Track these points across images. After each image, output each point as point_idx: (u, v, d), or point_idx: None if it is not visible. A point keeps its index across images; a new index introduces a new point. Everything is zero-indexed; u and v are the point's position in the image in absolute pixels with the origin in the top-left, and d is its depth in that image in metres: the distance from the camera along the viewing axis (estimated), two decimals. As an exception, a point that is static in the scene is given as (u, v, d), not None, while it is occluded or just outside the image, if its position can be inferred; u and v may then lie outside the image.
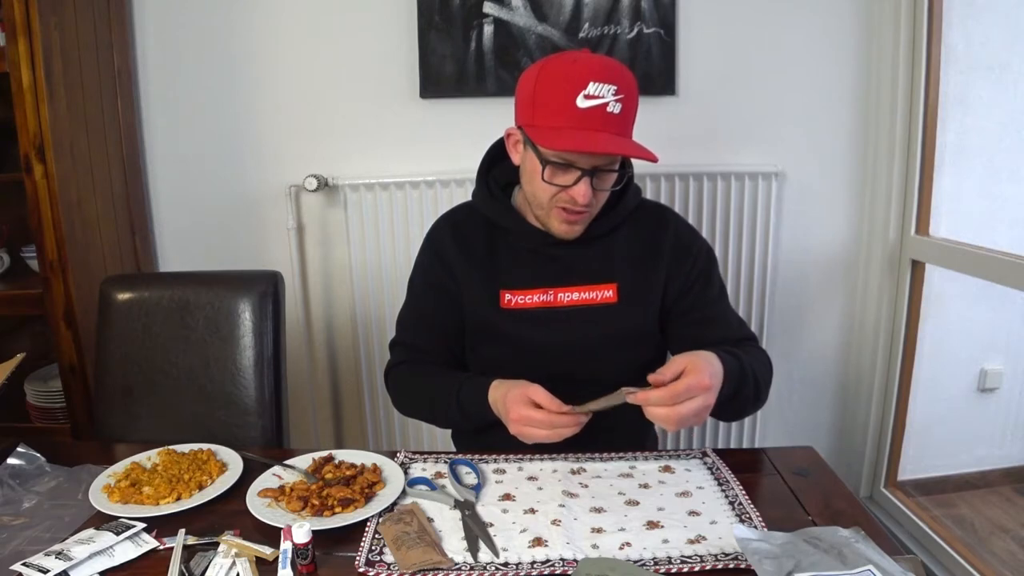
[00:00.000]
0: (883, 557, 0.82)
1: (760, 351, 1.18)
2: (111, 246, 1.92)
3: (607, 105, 1.02)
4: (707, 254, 1.24)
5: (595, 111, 1.02)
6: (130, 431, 1.39)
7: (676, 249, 1.21)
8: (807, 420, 2.31)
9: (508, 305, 1.20)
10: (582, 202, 1.07)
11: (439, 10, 1.96)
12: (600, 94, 1.01)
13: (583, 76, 1.02)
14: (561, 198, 1.10)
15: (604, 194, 1.13)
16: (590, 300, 1.19)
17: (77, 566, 0.86)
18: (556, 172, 1.08)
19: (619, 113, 1.03)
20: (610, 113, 1.02)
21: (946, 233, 2.00)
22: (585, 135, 1.02)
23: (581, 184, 1.06)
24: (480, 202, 1.24)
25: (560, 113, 1.03)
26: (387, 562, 0.88)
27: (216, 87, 2.06)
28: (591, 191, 1.07)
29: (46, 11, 1.63)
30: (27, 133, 1.64)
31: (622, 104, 1.03)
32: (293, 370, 2.02)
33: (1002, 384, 2.19)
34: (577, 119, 1.02)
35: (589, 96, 1.01)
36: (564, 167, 1.07)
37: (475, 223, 1.24)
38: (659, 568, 0.86)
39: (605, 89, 1.01)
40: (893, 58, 1.98)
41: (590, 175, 1.06)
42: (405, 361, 1.28)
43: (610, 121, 1.02)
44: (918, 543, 2.00)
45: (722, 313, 1.23)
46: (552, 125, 1.05)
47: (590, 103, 1.01)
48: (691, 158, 2.06)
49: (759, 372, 1.11)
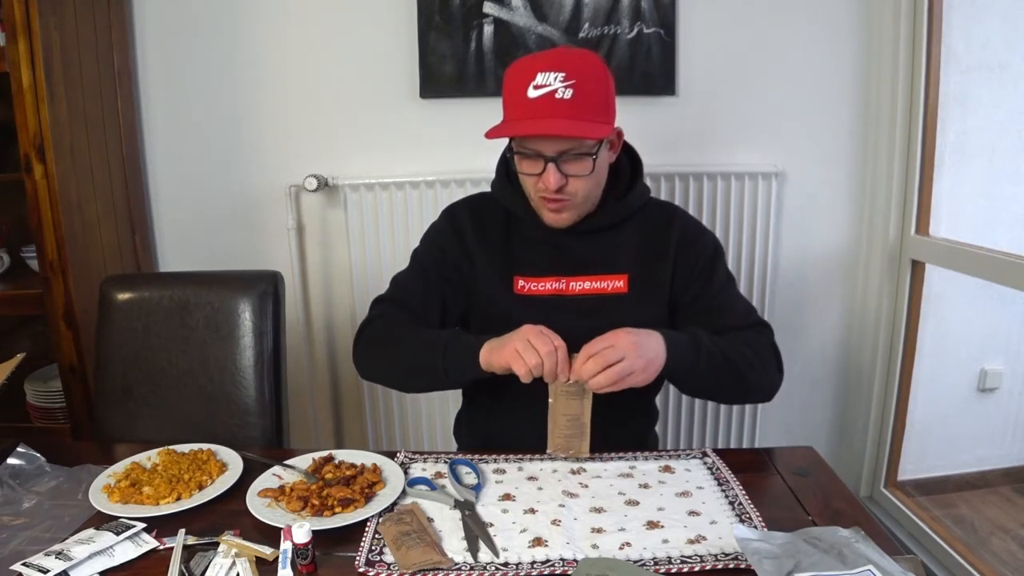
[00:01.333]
0: (883, 557, 0.82)
1: (756, 335, 1.20)
2: (111, 246, 1.92)
3: (555, 92, 1.06)
4: (713, 247, 1.26)
5: (544, 99, 1.07)
6: (130, 431, 1.39)
7: (681, 244, 1.23)
8: (807, 420, 2.31)
9: (521, 291, 1.22)
10: (551, 187, 1.11)
11: (439, 10, 1.96)
12: (547, 82, 1.07)
13: (532, 68, 1.08)
14: (540, 187, 1.14)
15: (585, 181, 1.13)
16: (601, 290, 1.21)
17: (77, 566, 0.86)
18: (524, 161, 1.14)
19: (571, 98, 1.06)
20: (560, 99, 1.06)
21: (946, 233, 2.00)
22: (530, 122, 1.08)
23: (548, 171, 1.11)
24: (498, 191, 1.27)
25: (515, 106, 1.10)
26: (387, 562, 0.88)
27: (216, 87, 2.06)
28: (562, 177, 1.11)
29: (46, 11, 1.63)
30: (27, 133, 1.64)
31: (573, 89, 1.06)
32: (293, 370, 2.01)
33: (1002, 384, 2.19)
34: (529, 108, 1.08)
35: (538, 86, 1.07)
36: (531, 156, 1.12)
37: (493, 210, 1.27)
38: (659, 568, 0.86)
39: (552, 77, 1.06)
40: (893, 58, 1.98)
41: (554, 161, 1.10)
42: (392, 313, 1.24)
43: (560, 106, 1.06)
44: (918, 543, 2.00)
45: (728, 302, 1.24)
46: (507, 118, 1.12)
47: (538, 92, 1.07)
48: (691, 158, 2.06)
49: (736, 351, 1.13)
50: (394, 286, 1.29)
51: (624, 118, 1.19)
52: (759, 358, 1.16)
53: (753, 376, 1.15)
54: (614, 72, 2.00)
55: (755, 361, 1.15)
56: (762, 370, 1.17)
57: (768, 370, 1.19)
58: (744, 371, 1.14)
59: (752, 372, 1.15)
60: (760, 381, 1.18)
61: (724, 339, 1.14)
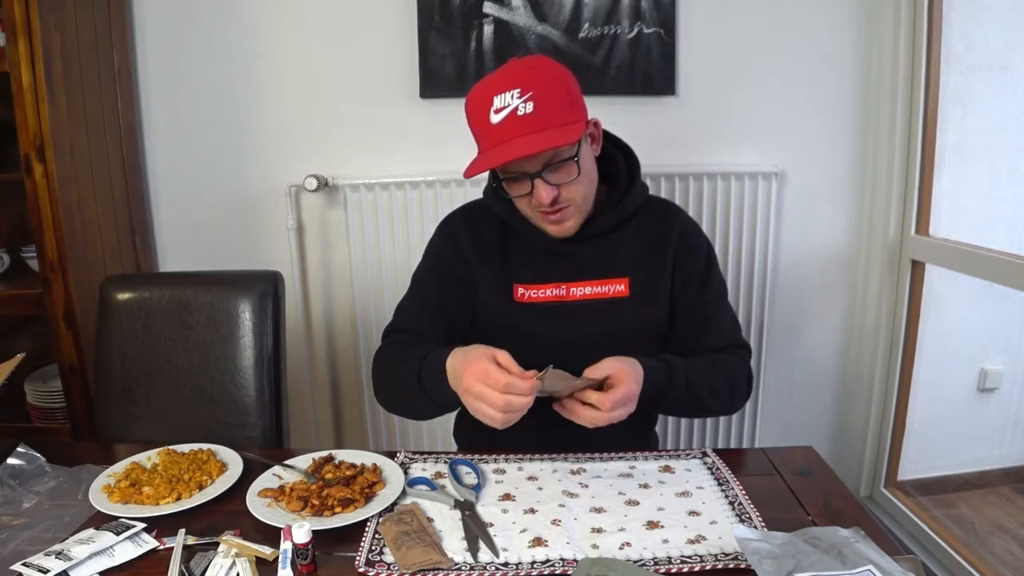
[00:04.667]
0: (883, 557, 0.82)
1: (733, 359, 1.22)
2: (111, 246, 1.92)
3: (516, 109, 1.05)
4: (707, 253, 1.25)
5: (507, 121, 1.05)
6: (130, 431, 1.39)
7: (681, 247, 1.23)
8: (807, 420, 2.31)
9: (522, 299, 1.21)
10: (545, 203, 1.10)
11: (439, 10, 1.96)
12: (506, 103, 1.05)
13: (487, 94, 1.07)
14: (535, 204, 1.12)
15: (577, 185, 1.12)
16: (602, 294, 1.20)
17: (77, 566, 0.86)
18: (512, 185, 1.12)
19: (533, 111, 1.04)
20: (523, 115, 1.04)
21: (946, 233, 2.00)
22: (502, 148, 1.05)
23: (537, 188, 1.09)
24: (491, 202, 1.25)
25: (483, 136, 1.09)
26: (387, 562, 0.88)
27: (216, 87, 2.06)
28: (553, 189, 1.09)
29: (46, 11, 1.63)
30: (27, 133, 1.64)
31: (533, 102, 1.04)
32: (293, 370, 2.02)
33: (1002, 384, 2.19)
34: (495, 135, 1.06)
35: (498, 110, 1.05)
36: (516, 178, 1.11)
37: (488, 219, 1.25)
38: (659, 568, 0.86)
39: (509, 96, 1.05)
40: (893, 58, 1.98)
41: (539, 176, 1.08)
42: (397, 342, 1.22)
43: (525, 122, 1.04)
44: (918, 543, 2.00)
45: (717, 316, 1.24)
46: (480, 149, 1.11)
47: (500, 116, 1.05)
48: (691, 158, 2.06)
49: (703, 381, 1.15)
50: (398, 314, 1.26)
51: (624, 118, 1.20)
52: (728, 388, 1.20)
53: (715, 404, 1.20)
54: (614, 72, 2.00)
55: (723, 391, 1.19)
56: (727, 400, 1.22)
57: (734, 398, 1.23)
58: (707, 402, 1.18)
59: (715, 401, 1.19)
60: (720, 409, 1.24)
61: (698, 368, 1.15)
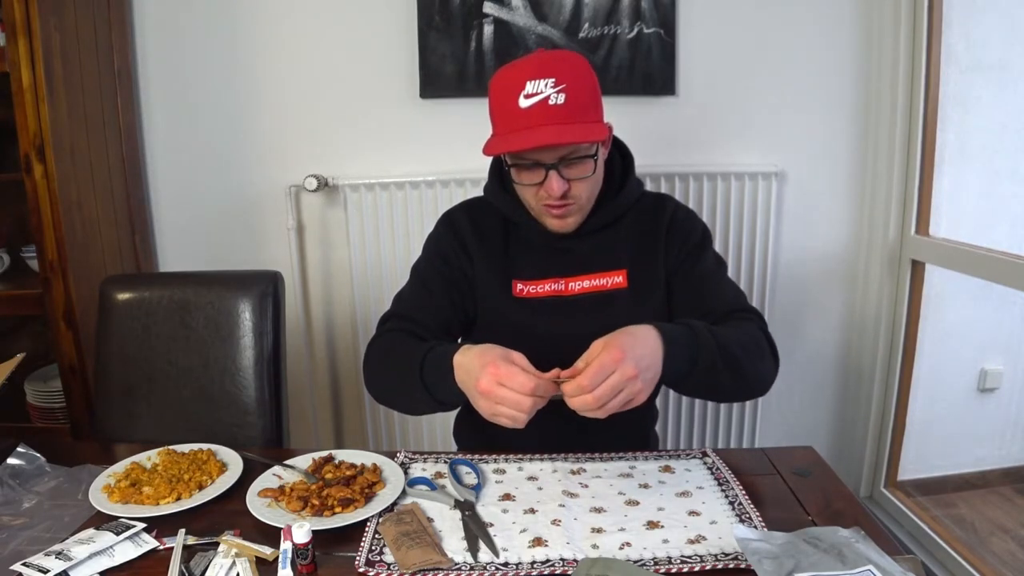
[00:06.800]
0: (883, 557, 0.82)
1: (747, 323, 1.13)
2: (111, 246, 1.92)
3: (548, 98, 1.05)
4: (702, 232, 1.24)
5: (536, 107, 1.05)
6: (130, 431, 1.39)
7: (671, 228, 1.22)
8: (807, 420, 2.31)
9: (520, 294, 1.21)
10: (555, 195, 1.10)
11: (439, 10, 1.96)
12: (538, 90, 1.05)
13: (520, 78, 1.06)
14: (542, 196, 1.12)
15: (587, 183, 1.12)
16: (601, 287, 1.20)
17: (77, 566, 0.86)
18: (523, 173, 1.11)
19: (564, 103, 1.05)
20: (553, 105, 1.05)
21: (946, 233, 2.00)
22: (528, 133, 1.05)
23: (550, 179, 1.09)
24: (492, 196, 1.25)
25: (508, 118, 1.08)
26: (387, 562, 0.88)
27: (216, 87, 2.06)
28: (564, 183, 1.09)
29: (46, 11, 1.63)
30: (27, 133, 1.64)
31: (566, 94, 1.05)
32: (293, 370, 2.01)
33: (1002, 384, 2.19)
34: (522, 119, 1.05)
35: (528, 95, 1.05)
36: (530, 167, 1.10)
37: (490, 215, 1.26)
38: (659, 568, 0.86)
39: (543, 84, 1.05)
40: (893, 58, 1.98)
41: (555, 168, 1.08)
42: (396, 330, 1.18)
43: (554, 113, 1.05)
44: (918, 543, 2.00)
45: (717, 283, 1.22)
46: (501, 132, 1.09)
47: (530, 101, 1.05)
48: (691, 158, 2.06)
49: (733, 342, 1.05)
50: (397, 301, 1.25)
51: (624, 118, 1.19)
52: (755, 343, 1.10)
53: (749, 366, 1.07)
54: (614, 72, 2.00)
55: (752, 348, 1.09)
56: (759, 359, 1.09)
57: (764, 358, 1.11)
58: (743, 363, 1.05)
59: (749, 361, 1.07)
60: (757, 370, 1.10)
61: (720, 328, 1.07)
